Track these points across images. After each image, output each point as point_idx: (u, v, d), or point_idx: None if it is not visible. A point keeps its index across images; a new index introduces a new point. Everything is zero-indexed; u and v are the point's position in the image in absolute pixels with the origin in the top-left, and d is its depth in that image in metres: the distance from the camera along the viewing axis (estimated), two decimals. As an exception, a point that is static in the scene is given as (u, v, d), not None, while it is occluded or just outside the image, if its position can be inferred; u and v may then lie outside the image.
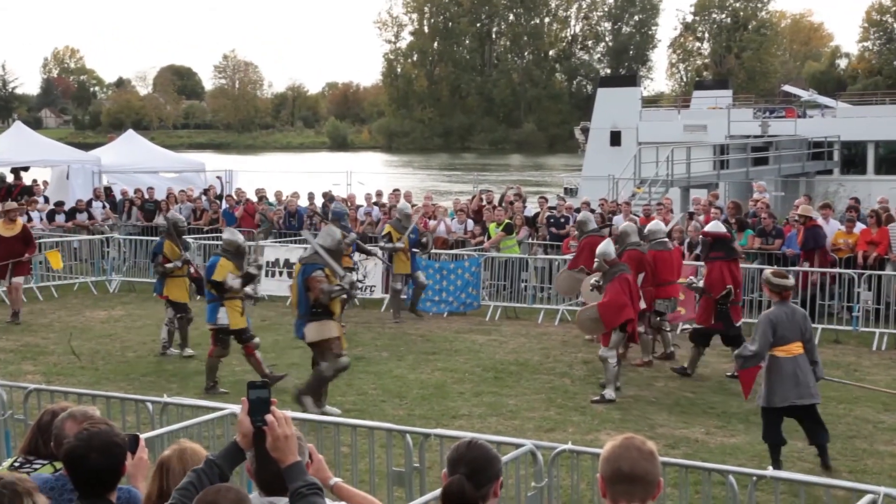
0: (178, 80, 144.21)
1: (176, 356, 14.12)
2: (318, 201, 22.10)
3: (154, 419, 7.83)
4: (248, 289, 12.85)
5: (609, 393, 11.73)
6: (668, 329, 14.04)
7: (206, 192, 24.28)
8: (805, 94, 44.88)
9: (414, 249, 16.84)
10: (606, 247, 12.21)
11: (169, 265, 14.26)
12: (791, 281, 9.58)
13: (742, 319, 13.57)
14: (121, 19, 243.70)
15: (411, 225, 16.92)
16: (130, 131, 32.28)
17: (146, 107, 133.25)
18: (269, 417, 3.24)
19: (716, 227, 13.49)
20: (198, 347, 14.60)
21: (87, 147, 36.85)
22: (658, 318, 13.82)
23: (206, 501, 3.22)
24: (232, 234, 12.56)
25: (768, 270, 9.94)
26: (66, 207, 22.78)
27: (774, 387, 9.19)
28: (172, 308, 14.31)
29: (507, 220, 18.63)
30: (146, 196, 23.45)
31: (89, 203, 23.20)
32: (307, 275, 10.93)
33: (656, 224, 14.49)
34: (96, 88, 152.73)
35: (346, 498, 3.61)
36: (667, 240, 14.15)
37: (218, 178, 27.54)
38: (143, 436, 4.24)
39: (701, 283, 12.84)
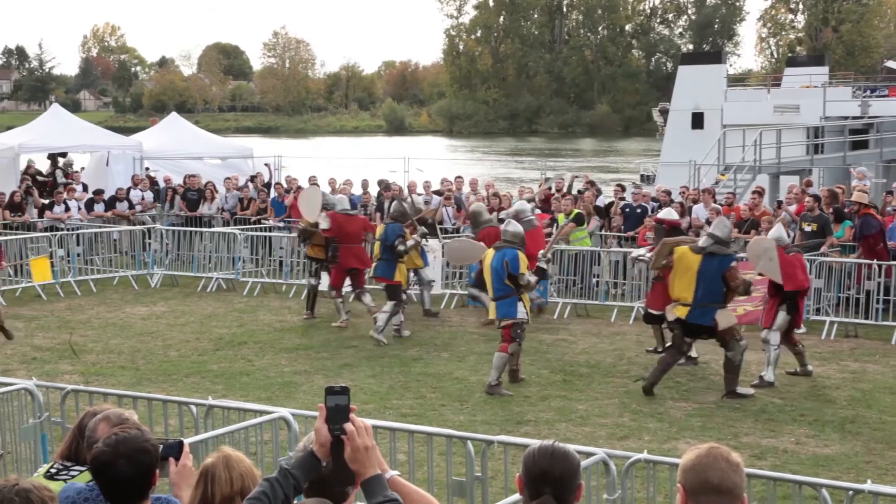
0: (225, 60, 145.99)
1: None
2: (373, 189, 22.21)
3: (198, 423, 7.94)
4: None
5: (769, 375, 12.63)
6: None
7: (252, 179, 24.53)
8: (910, 71, 44.01)
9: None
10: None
11: (409, 243, 15.24)
12: None
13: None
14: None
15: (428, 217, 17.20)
16: (174, 114, 32.65)
17: (190, 88, 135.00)
18: (348, 426, 3.24)
19: (669, 214, 14.73)
20: (242, 346, 14.80)
21: (127, 131, 37.42)
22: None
23: None
24: (515, 227, 12.96)
25: None
26: (106, 196, 23.15)
27: None
28: (390, 292, 15.16)
29: (576, 210, 18.55)
30: (187, 184, 23.70)
31: (129, 191, 23.55)
32: None
33: (522, 204, 16.12)
34: (138, 68, 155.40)
35: (402, 494, 3.63)
36: (533, 217, 15.65)
37: (266, 164, 27.78)
38: (186, 441, 4.30)
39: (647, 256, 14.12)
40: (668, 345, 13.33)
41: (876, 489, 6.41)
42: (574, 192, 21.14)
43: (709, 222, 18.17)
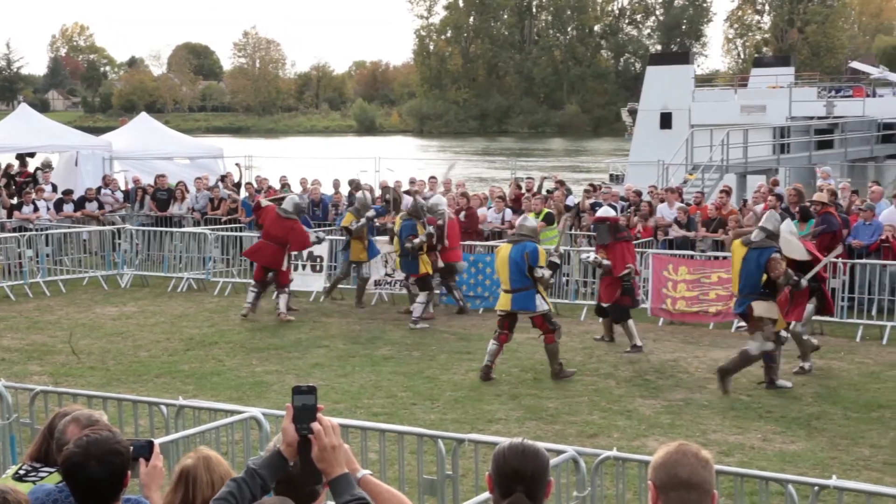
0: (195, 60, 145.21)
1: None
2: (344, 189, 22.18)
3: (168, 423, 7.90)
4: None
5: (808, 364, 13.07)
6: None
7: (222, 179, 24.43)
8: (875, 72, 44.42)
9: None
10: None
11: (416, 241, 15.95)
12: None
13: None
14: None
15: (370, 212, 17.84)
16: (143, 114, 32.45)
17: (160, 88, 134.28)
18: (315, 426, 3.22)
19: (606, 212, 15.30)
20: (213, 346, 14.74)
21: (97, 131, 37.13)
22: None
23: None
24: (530, 221, 13.63)
25: None
26: (75, 196, 22.99)
27: None
28: (420, 284, 16.19)
29: (546, 210, 18.60)
30: (157, 184, 23.59)
31: (98, 191, 23.39)
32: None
33: (438, 198, 16.90)
34: (107, 68, 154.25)
35: (374, 494, 3.62)
36: (446, 210, 16.61)
37: (236, 165, 27.68)
38: (157, 441, 4.28)
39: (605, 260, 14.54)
40: (606, 337, 14.99)
41: (841, 484, 6.47)
42: (544, 191, 21.21)
43: (678, 221, 18.34)
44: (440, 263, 16.69)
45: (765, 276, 12.26)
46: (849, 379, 12.81)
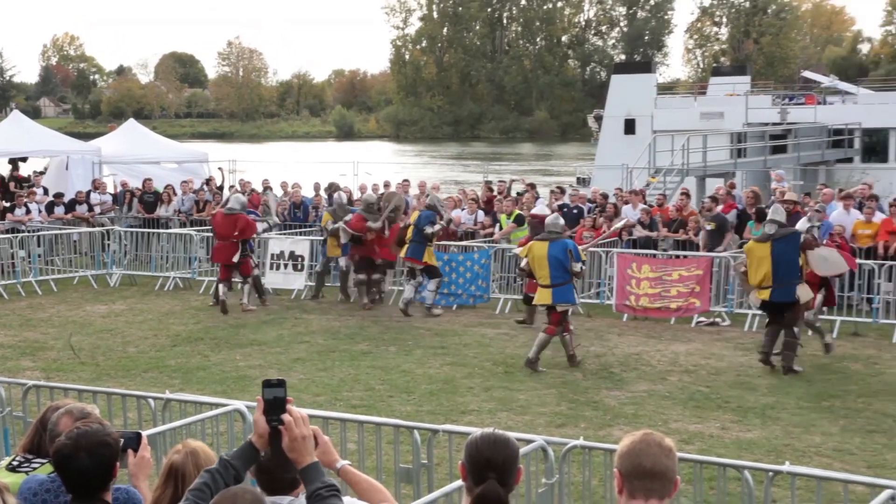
0: (181, 68, 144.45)
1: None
2: (324, 192, 22.12)
3: (156, 416, 7.87)
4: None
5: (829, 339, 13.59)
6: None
7: (207, 182, 24.33)
8: (825, 81, 44.73)
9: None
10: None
11: (436, 227, 16.38)
12: None
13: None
14: (121, 5, 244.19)
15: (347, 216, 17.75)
16: (131, 120, 32.30)
17: (147, 95, 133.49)
18: (285, 417, 3.23)
19: (541, 210, 15.80)
20: (199, 342, 14.68)
21: (87, 137, 36.94)
22: (380, 276, 17.34)
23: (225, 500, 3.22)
24: (558, 219, 13.78)
25: None
26: (66, 199, 22.84)
27: None
28: (429, 273, 16.53)
29: (517, 212, 18.64)
30: (143, 187, 23.47)
31: (88, 194, 23.25)
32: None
33: (370, 195, 17.71)
34: (96, 76, 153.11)
35: (352, 483, 3.62)
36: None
37: (219, 168, 27.56)
38: (145, 433, 4.25)
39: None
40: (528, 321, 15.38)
41: (793, 470, 6.51)
42: (514, 194, 21.24)
43: (641, 222, 18.40)
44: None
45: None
46: (801, 371, 12.89)
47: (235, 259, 16.81)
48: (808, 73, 50.05)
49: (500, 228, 18.75)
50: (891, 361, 13.37)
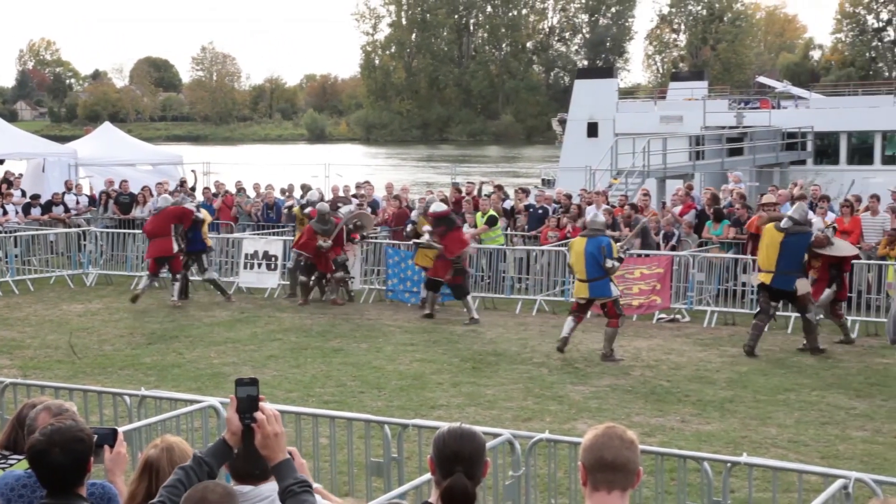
0: (155, 72, 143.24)
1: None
2: (297, 193, 22.02)
3: (132, 412, 7.80)
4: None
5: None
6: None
7: (181, 184, 24.16)
8: (779, 86, 45.08)
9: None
10: None
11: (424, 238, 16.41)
12: None
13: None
14: (97, 11, 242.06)
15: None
16: (107, 124, 32.01)
17: (123, 99, 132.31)
18: (258, 415, 3.21)
19: (438, 207, 16.34)
20: (174, 340, 14.57)
21: (63, 140, 36.55)
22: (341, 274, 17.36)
23: (195, 499, 3.20)
24: (599, 216, 14.34)
25: None
26: (42, 200, 22.59)
27: None
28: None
29: (491, 212, 18.67)
30: (119, 189, 23.27)
31: (64, 196, 23.01)
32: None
33: (322, 206, 17.41)
34: (72, 80, 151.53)
35: None
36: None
37: (192, 171, 27.36)
38: (121, 429, 4.21)
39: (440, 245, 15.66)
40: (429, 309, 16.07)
41: (750, 461, 6.57)
42: (483, 195, 21.25)
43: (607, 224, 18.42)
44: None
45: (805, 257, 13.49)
46: (757, 365, 12.99)
47: (175, 249, 17.13)
48: (762, 79, 50.42)
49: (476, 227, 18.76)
50: (843, 356, 13.50)
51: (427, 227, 16.45)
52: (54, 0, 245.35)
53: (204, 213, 18.15)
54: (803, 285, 13.42)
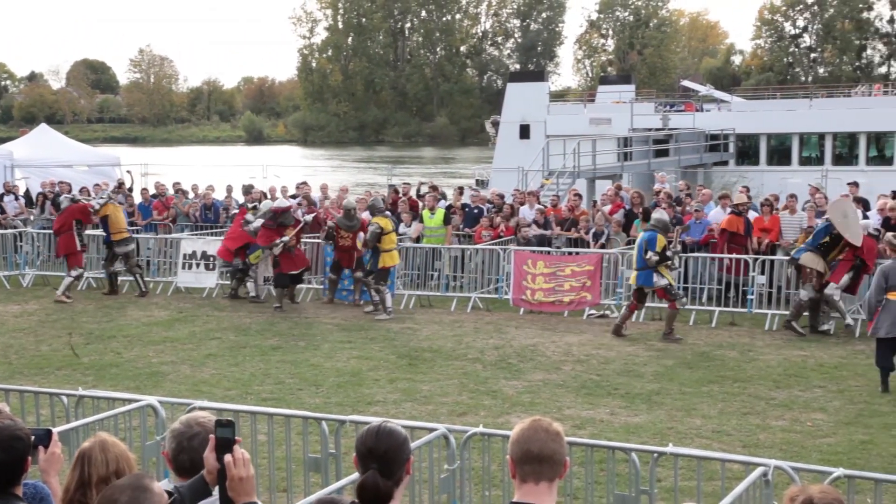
0: (92, 74, 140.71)
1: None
2: (236, 194, 21.79)
3: (69, 412, 7.65)
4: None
5: (848, 319, 14.41)
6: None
7: (119, 186, 23.75)
8: (702, 90, 45.84)
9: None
10: None
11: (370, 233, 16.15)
12: None
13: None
14: (32, 12, 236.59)
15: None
16: (43, 125, 31.32)
17: (59, 101, 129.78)
18: (226, 457, 3.23)
19: (280, 203, 17.10)
20: (112, 340, 14.32)
21: (-2, 141, 35.68)
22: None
23: (106, 498, 3.17)
24: (661, 214, 14.93)
25: (889, 234, 12.95)
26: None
27: (886, 322, 11.33)
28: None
29: (442, 211, 18.83)
30: (57, 190, 22.78)
31: (1, 197, 22.48)
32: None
33: (268, 204, 17.43)
34: (7, 82, 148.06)
35: None
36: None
37: (127, 171, 26.87)
38: (56, 429, 4.13)
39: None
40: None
41: (676, 451, 6.65)
42: (419, 195, 21.24)
43: (536, 221, 18.58)
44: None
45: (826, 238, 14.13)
46: (683, 358, 13.18)
47: (78, 247, 17.77)
48: (686, 83, 51.20)
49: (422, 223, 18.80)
50: (764, 349, 13.75)
51: (374, 224, 16.18)
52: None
53: (112, 208, 18.34)
54: (807, 258, 14.22)
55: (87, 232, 19.04)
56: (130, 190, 23.90)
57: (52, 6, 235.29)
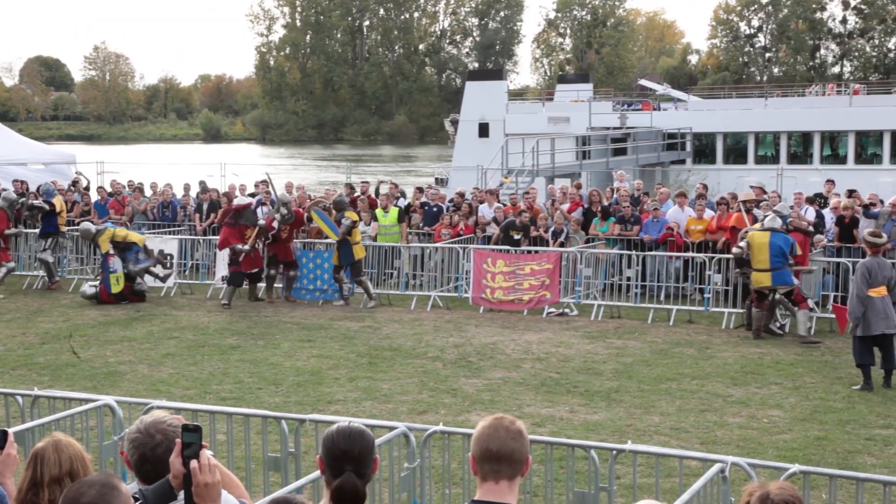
0: (46, 72, 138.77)
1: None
2: (194, 192, 21.60)
3: (24, 412, 7.54)
4: None
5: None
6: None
7: (74, 184, 23.47)
8: (660, 89, 46.26)
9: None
10: None
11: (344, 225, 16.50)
12: (883, 239, 11.99)
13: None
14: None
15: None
16: (-4, 123, 30.90)
17: (13, 98, 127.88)
18: (192, 463, 3.20)
19: (240, 201, 17.20)
20: (66, 339, 14.15)
21: (-50, 139, 35.02)
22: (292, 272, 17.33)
23: (69, 498, 3.13)
24: (777, 219, 14.45)
25: (866, 231, 12.66)
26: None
27: (869, 319, 11.38)
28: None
29: (397, 209, 18.78)
30: (17, 189, 22.41)
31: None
32: None
33: (241, 200, 17.63)
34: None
35: None
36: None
37: (78, 173, 26.46)
38: (12, 430, 4.07)
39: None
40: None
41: (635, 448, 6.70)
42: (379, 194, 21.19)
43: (496, 219, 18.59)
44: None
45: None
46: (642, 356, 13.27)
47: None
48: (644, 82, 51.61)
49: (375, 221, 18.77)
50: (721, 346, 13.88)
51: (347, 218, 16.63)
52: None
53: (59, 203, 18.82)
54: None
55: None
56: (87, 188, 23.62)
57: (4, 2, 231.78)
